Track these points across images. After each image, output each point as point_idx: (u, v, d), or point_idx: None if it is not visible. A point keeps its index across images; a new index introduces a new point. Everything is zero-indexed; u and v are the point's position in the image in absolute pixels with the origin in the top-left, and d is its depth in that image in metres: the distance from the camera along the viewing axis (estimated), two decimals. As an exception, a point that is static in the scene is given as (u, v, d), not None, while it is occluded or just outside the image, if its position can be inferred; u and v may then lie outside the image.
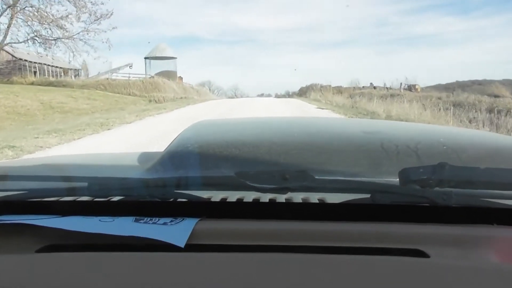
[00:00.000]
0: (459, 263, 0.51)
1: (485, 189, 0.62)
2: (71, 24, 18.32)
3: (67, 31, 18.40)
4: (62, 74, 33.36)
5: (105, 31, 19.19)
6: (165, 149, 0.93)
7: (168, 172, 0.83)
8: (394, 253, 0.52)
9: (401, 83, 28.41)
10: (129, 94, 23.60)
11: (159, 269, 0.48)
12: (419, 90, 28.43)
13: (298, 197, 0.69)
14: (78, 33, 18.66)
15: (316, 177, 0.61)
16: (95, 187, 0.66)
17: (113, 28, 19.49)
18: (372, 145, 0.92)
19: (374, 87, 34.61)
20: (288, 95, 58.93)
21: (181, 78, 40.25)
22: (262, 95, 67.43)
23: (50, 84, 23.66)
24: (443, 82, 35.41)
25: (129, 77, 28.53)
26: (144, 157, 1.01)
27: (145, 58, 37.71)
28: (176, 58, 39.49)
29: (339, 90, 30.76)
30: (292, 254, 0.52)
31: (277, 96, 62.27)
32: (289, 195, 0.68)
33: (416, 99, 16.35)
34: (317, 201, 0.68)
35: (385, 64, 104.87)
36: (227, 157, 0.86)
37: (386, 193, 0.60)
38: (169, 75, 34.69)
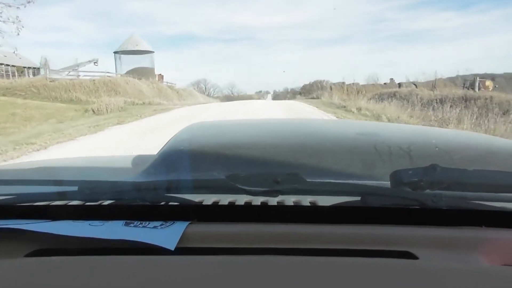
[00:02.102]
0: (447, 265, 0.51)
1: (475, 191, 0.62)
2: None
3: None
4: (16, 73, 27.23)
5: (18, 7, 12.63)
6: (158, 152, 0.92)
7: (161, 175, 0.83)
8: (383, 255, 0.53)
9: (476, 77, 20.15)
10: (71, 99, 17.15)
11: (149, 272, 0.48)
12: (490, 88, 20.35)
13: (289, 200, 0.69)
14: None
15: (308, 180, 0.62)
16: (86, 191, 0.66)
17: (28, 2, 12.87)
18: (365, 147, 0.93)
19: (399, 84, 27.82)
20: (287, 92, 52.14)
21: (161, 76, 33.90)
22: (260, 92, 61.91)
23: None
24: (445, 76, 30.07)
25: (79, 76, 21.90)
26: (137, 160, 1.01)
27: (115, 52, 30.97)
28: (153, 52, 32.70)
29: (356, 88, 24.04)
30: (283, 257, 0.52)
31: (275, 95, 55.65)
32: (280, 198, 0.67)
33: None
34: (309, 204, 0.68)
35: (390, 60, 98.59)
36: (220, 159, 0.86)
37: (376, 196, 0.61)
38: (144, 72, 28.32)
